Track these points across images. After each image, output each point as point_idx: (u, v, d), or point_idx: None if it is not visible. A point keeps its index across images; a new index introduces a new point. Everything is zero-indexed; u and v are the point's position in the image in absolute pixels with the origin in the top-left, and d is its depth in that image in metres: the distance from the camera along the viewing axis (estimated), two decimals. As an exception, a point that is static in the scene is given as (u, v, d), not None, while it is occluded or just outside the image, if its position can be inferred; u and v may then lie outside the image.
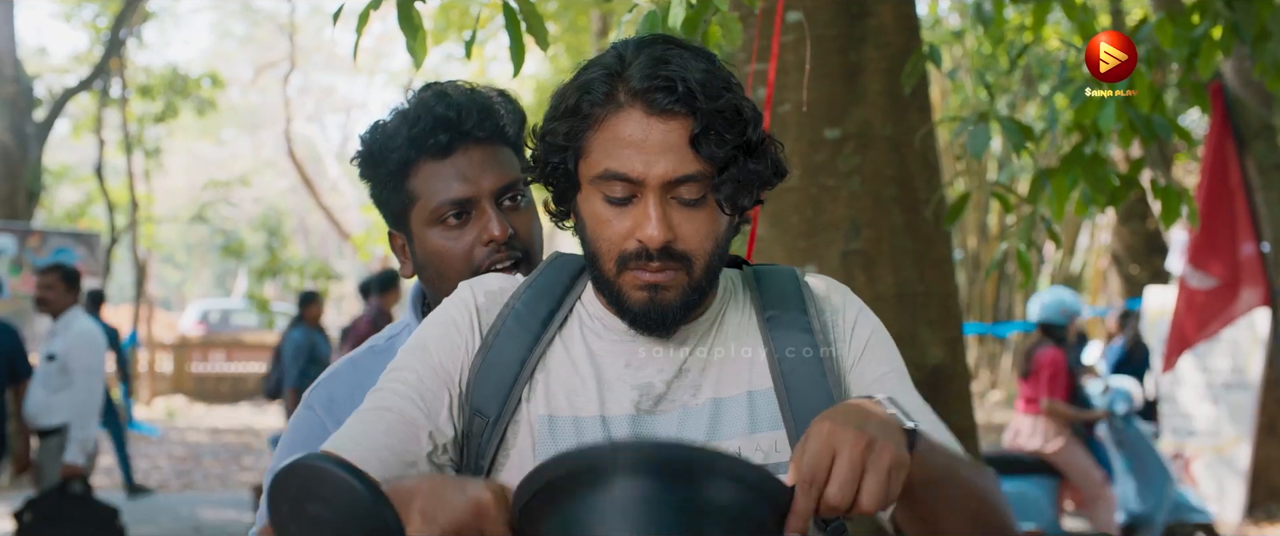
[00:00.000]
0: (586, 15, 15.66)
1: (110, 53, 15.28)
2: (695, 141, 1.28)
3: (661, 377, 1.35)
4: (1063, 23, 8.47)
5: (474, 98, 1.66)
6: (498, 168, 1.64)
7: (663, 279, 1.31)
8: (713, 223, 1.32)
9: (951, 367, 3.61)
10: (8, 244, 10.59)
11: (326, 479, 1.21)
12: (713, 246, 1.32)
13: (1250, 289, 7.36)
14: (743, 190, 1.32)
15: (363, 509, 1.19)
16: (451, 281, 1.60)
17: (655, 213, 1.28)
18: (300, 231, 34.31)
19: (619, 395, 1.34)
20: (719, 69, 1.33)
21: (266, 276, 18.20)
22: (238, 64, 33.47)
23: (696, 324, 1.37)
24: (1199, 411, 8.81)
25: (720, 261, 1.35)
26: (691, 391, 1.35)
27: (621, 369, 1.35)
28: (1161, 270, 11.76)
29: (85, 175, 19.59)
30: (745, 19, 3.61)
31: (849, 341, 1.39)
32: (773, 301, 1.41)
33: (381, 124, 1.67)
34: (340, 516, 1.20)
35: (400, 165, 1.63)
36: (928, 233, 3.62)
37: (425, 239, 1.64)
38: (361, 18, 2.26)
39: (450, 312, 1.39)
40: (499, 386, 1.34)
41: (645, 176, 1.28)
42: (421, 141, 1.61)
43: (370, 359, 1.72)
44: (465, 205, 1.61)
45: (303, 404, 1.69)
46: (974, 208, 15.56)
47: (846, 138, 3.54)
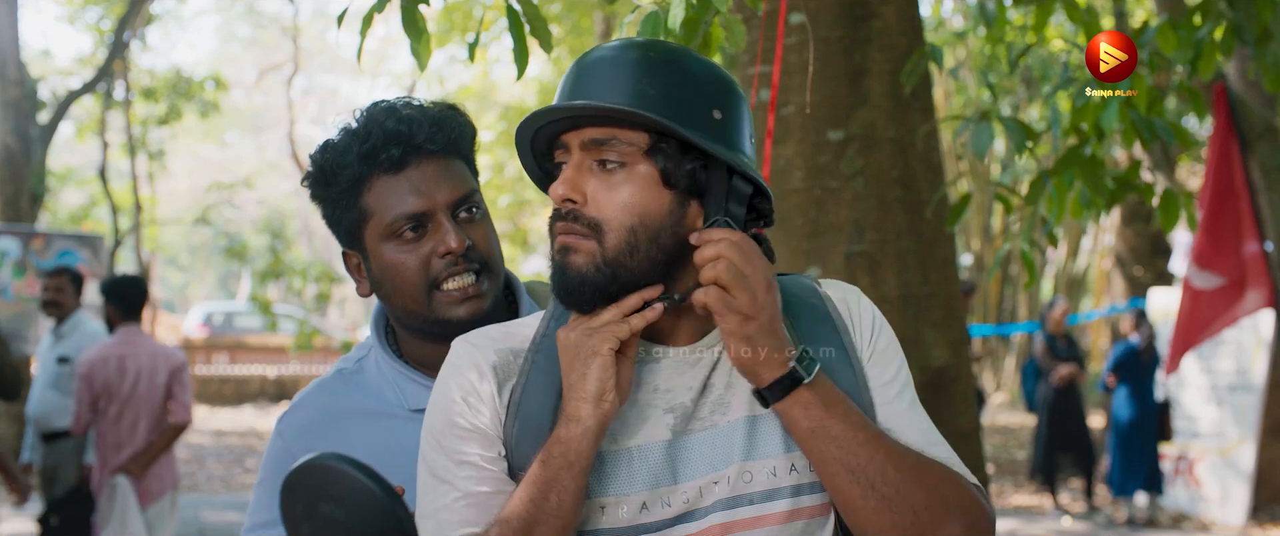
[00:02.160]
0: (590, 17, 15.66)
1: (114, 55, 15.28)
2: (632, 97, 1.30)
3: (691, 395, 1.34)
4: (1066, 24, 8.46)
5: (424, 112, 1.64)
6: (452, 180, 1.62)
7: (569, 241, 1.30)
8: (636, 195, 1.28)
9: (955, 369, 3.60)
10: (11, 246, 10.59)
11: (341, 479, 1.21)
12: (631, 220, 1.28)
13: (1254, 290, 7.36)
14: (680, 164, 1.29)
15: (377, 510, 1.19)
16: (410, 296, 1.59)
17: (568, 171, 1.31)
18: (304, 234, 34.30)
19: (654, 422, 1.34)
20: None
21: (270, 279, 18.20)
22: (241, 66, 33.49)
23: (711, 336, 1.36)
24: (1203, 413, 8.80)
25: (648, 243, 1.29)
26: (721, 409, 1.34)
27: (651, 393, 1.34)
28: (1165, 271, 11.76)
29: (89, 177, 19.61)
30: (748, 21, 3.61)
31: (868, 342, 1.40)
32: (795, 307, 1.40)
33: (331, 143, 1.64)
34: (354, 517, 1.21)
35: (352, 182, 1.61)
36: (931, 234, 3.61)
37: (381, 254, 1.61)
38: (365, 20, 2.26)
39: (466, 382, 1.36)
40: (535, 442, 1.32)
41: (569, 140, 1.32)
42: (373, 157, 1.59)
43: (339, 382, 1.70)
44: (421, 219, 1.59)
45: (274, 432, 1.67)
46: (977, 209, 15.54)
47: (850, 139, 3.54)
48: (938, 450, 1.35)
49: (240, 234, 23.73)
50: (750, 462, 1.32)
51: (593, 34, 15.81)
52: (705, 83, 1.32)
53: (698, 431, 1.33)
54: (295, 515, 1.26)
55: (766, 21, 3.26)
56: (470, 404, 1.34)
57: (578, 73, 1.33)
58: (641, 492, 1.31)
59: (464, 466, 1.32)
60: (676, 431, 1.33)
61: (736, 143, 1.34)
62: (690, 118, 1.29)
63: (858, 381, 1.36)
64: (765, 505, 1.32)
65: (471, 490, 1.31)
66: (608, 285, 1.28)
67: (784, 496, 1.33)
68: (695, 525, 1.31)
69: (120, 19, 15.25)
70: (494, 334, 1.41)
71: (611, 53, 1.32)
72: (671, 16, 2.08)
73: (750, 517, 1.31)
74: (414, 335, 1.66)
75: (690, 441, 1.33)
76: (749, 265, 1.25)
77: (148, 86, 17.40)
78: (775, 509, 1.32)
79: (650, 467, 1.31)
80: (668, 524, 1.31)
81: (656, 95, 1.28)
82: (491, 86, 20.49)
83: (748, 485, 1.32)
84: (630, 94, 1.28)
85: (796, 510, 1.33)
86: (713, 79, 1.33)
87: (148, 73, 17.99)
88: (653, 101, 1.28)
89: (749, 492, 1.32)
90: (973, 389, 3.75)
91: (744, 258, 1.25)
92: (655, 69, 1.30)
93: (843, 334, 1.39)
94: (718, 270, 1.25)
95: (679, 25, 2.08)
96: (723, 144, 1.31)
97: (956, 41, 13.29)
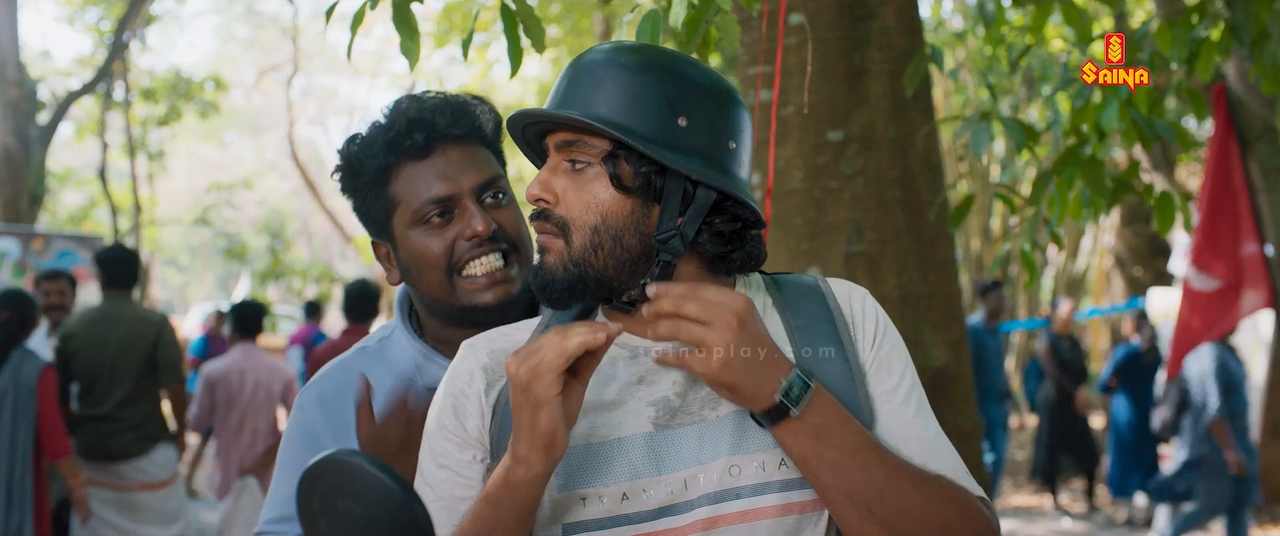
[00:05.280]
0: (589, 18, 15.68)
1: (114, 56, 15.30)
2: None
3: (675, 390, 1.35)
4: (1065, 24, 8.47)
5: (448, 99, 1.66)
6: (476, 165, 1.64)
7: (543, 240, 1.35)
8: (599, 196, 1.31)
9: (955, 369, 3.61)
10: (11, 247, 10.60)
11: (359, 475, 1.23)
12: (594, 220, 1.31)
13: (1253, 290, 7.36)
14: (635, 170, 1.31)
15: (394, 506, 1.21)
16: (434, 281, 1.62)
17: (544, 171, 1.35)
18: (303, 234, 34.31)
19: (636, 413, 1.34)
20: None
21: (269, 279, 18.23)
22: (241, 67, 33.48)
23: None
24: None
25: (612, 243, 1.31)
26: (710, 403, 1.34)
27: (634, 386, 1.35)
28: (1164, 272, 11.77)
29: (89, 178, 19.63)
30: (748, 22, 3.61)
31: (872, 346, 1.38)
32: (797, 305, 1.39)
33: (357, 136, 1.67)
34: (371, 513, 1.22)
35: (380, 171, 1.63)
36: (931, 234, 3.62)
37: (408, 241, 1.63)
38: (356, 17, 2.27)
39: (457, 384, 1.41)
40: None
41: (548, 141, 1.37)
42: (399, 144, 1.61)
43: (360, 358, 1.73)
44: (447, 203, 1.61)
45: (296, 406, 1.71)
46: (978, 210, 15.55)
47: (850, 140, 3.54)
48: (942, 461, 1.34)
49: (240, 234, 23.77)
50: (738, 456, 1.31)
51: (592, 34, 15.82)
52: (677, 90, 1.32)
53: (686, 424, 1.33)
54: (312, 509, 1.27)
55: (766, 22, 3.27)
56: (458, 408, 1.39)
57: (564, 74, 1.38)
58: (621, 484, 1.31)
59: (444, 470, 1.38)
60: (659, 424, 1.33)
61: (709, 150, 1.32)
62: (645, 124, 1.30)
63: (854, 384, 1.35)
64: (753, 499, 1.31)
65: (446, 494, 1.37)
66: (576, 284, 1.32)
67: (774, 491, 1.31)
68: (680, 518, 1.31)
69: (120, 20, 15.26)
70: (494, 335, 1.45)
71: (593, 56, 1.36)
72: (673, 15, 2.08)
73: (738, 511, 1.30)
74: (439, 320, 1.68)
75: (675, 434, 1.33)
76: (706, 312, 1.22)
77: (147, 87, 17.42)
78: (764, 503, 1.31)
79: (630, 460, 1.32)
80: (650, 515, 1.31)
81: (618, 101, 1.31)
82: (491, 86, 20.50)
83: (736, 479, 1.31)
84: (592, 100, 1.32)
85: (787, 505, 1.31)
86: (691, 87, 1.33)
87: (147, 73, 18.01)
88: (613, 107, 1.31)
89: (737, 486, 1.31)
90: (973, 389, 3.76)
91: (700, 307, 1.22)
92: (625, 75, 1.32)
93: (843, 332, 1.37)
94: (664, 332, 1.23)
95: (680, 24, 2.09)
96: (685, 152, 1.31)
97: (956, 42, 13.30)
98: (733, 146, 1.35)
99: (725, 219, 1.34)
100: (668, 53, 1.37)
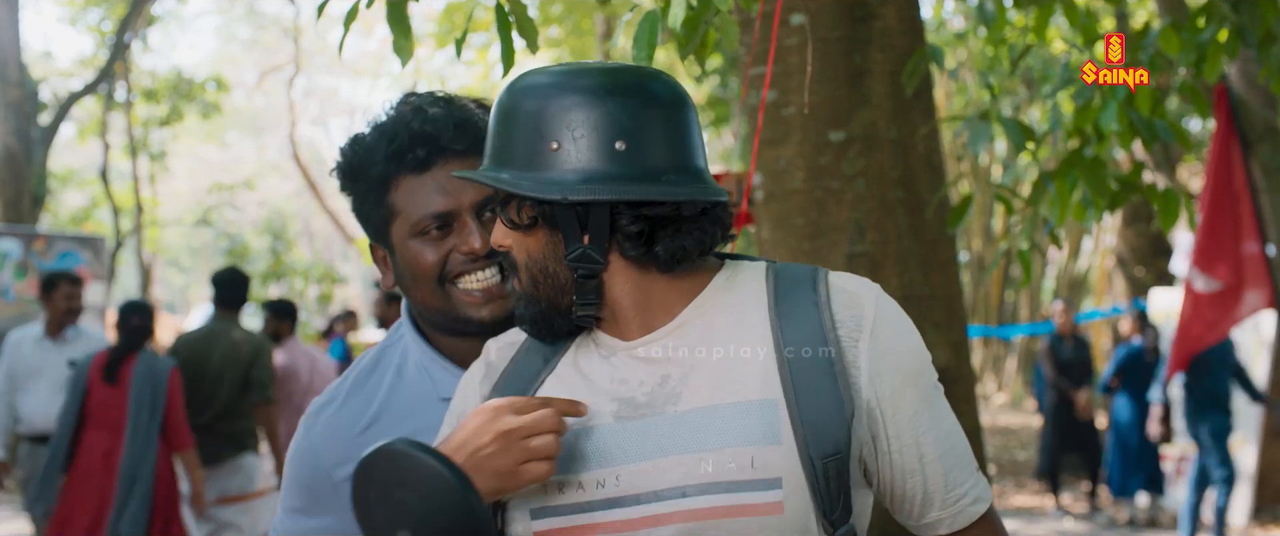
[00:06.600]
0: (590, 18, 15.68)
1: (115, 56, 15.31)
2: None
3: (644, 389, 1.34)
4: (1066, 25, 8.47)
5: (451, 111, 1.64)
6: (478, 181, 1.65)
7: (512, 282, 1.42)
8: (516, 236, 1.37)
9: (956, 370, 3.60)
10: (13, 248, 10.60)
11: (417, 466, 1.23)
12: (523, 258, 1.37)
13: (1255, 291, 7.34)
14: (518, 205, 1.36)
15: (451, 498, 1.21)
16: (426, 289, 1.62)
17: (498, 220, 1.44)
18: (305, 235, 34.32)
19: (600, 407, 1.34)
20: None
21: (271, 280, 18.23)
22: (242, 67, 33.48)
23: (669, 327, 1.35)
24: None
25: (543, 276, 1.36)
26: (672, 399, 1.32)
27: (608, 383, 1.36)
28: (1166, 272, 11.75)
29: (90, 179, 19.62)
30: (746, 23, 3.61)
31: (871, 345, 1.32)
32: (785, 298, 1.35)
33: (360, 138, 1.66)
34: (427, 505, 1.22)
35: (380, 180, 1.63)
36: (932, 235, 3.62)
37: (405, 249, 1.63)
38: (350, 14, 2.27)
39: (469, 374, 1.49)
40: None
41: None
42: (400, 157, 1.61)
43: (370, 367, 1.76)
44: (447, 218, 1.61)
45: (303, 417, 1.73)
46: (978, 210, 15.55)
47: (851, 140, 3.54)
48: (953, 461, 1.34)
49: (241, 235, 23.76)
50: (703, 453, 1.29)
51: (593, 34, 15.82)
52: (545, 115, 1.31)
53: (646, 417, 1.32)
54: (368, 499, 1.27)
55: (763, 22, 3.26)
56: (459, 404, 1.47)
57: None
58: (579, 474, 1.32)
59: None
60: (620, 416, 1.33)
61: (592, 162, 1.30)
62: (517, 160, 1.33)
63: (836, 387, 1.30)
64: (706, 498, 1.28)
65: None
66: (538, 318, 1.38)
67: (727, 490, 1.28)
68: (635, 510, 1.30)
69: (121, 20, 15.27)
70: (511, 334, 1.49)
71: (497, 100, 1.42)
72: (672, 16, 2.08)
73: (694, 509, 1.28)
74: (434, 328, 1.68)
75: (636, 426, 1.32)
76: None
77: (149, 88, 17.43)
78: (719, 502, 1.28)
79: (591, 451, 1.33)
80: (605, 505, 1.31)
81: (495, 146, 1.37)
82: (493, 87, 20.51)
83: (695, 476, 1.29)
84: (488, 150, 1.39)
85: (742, 506, 1.28)
86: (560, 107, 1.31)
87: (149, 74, 18.01)
88: (492, 153, 1.37)
89: (698, 483, 1.28)
90: (973, 389, 3.76)
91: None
92: (499, 114, 1.36)
93: (829, 331, 1.32)
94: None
95: (679, 25, 2.08)
96: (561, 172, 1.30)
97: (957, 42, 13.31)
98: (621, 146, 1.30)
99: (629, 220, 1.31)
100: (550, 76, 1.35)
